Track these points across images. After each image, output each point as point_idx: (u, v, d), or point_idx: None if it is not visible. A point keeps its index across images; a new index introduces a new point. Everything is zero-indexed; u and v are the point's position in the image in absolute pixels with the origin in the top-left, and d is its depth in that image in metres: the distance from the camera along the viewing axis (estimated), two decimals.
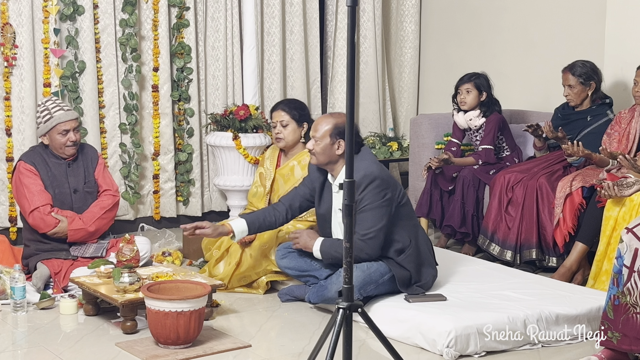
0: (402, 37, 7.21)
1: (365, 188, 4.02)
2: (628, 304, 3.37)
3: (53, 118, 4.63)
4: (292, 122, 4.86)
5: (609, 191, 4.44)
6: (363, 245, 4.03)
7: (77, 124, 4.70)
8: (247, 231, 4.32)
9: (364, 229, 4.03)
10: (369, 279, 4.05)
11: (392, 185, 4.12)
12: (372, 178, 4.03)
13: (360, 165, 3.97)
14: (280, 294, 4.52)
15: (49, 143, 4.69)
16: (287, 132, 4.86)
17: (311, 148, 4.15)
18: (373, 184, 4.03)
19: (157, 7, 6.02)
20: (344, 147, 4.06)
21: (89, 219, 4.67)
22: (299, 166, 4.86)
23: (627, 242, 3.40)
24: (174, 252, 5.25)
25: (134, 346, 3.75)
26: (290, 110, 4.87)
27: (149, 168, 6.18)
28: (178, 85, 6.20)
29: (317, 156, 4.15)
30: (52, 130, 4.64)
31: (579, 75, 5.22)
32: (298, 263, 4.36)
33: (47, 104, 4.71)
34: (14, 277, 4.22)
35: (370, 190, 4.03)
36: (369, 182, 4.03)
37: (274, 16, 6.48)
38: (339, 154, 4.12)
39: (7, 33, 5.52)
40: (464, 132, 5.73)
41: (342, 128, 4.05)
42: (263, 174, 5.03)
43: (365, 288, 4.03)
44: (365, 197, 4.03)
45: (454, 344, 3.64)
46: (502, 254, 5.10)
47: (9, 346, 3.84)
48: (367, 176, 4.02)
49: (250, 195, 5.10)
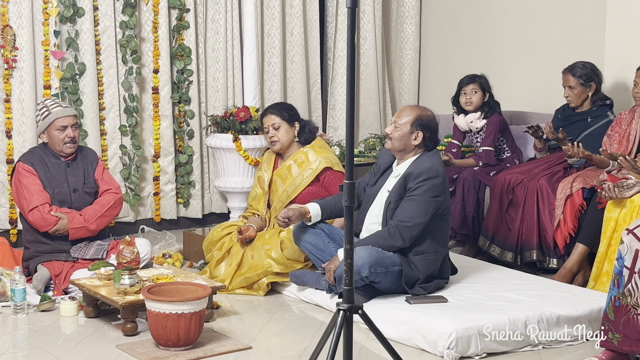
0: (402, 38, 7.21)
1: (425, 180, 4.11)
2: (629, 305, 3.37)
3: (51, 114, 4.64)
4: (283, 123, 4.92)
5: (610, 192, 4.43)
6: (399, 231, 4.09)
7: (75, 121, 4.71)
8: (320, 215, 4.41)
9: (405, 217, 4.10)
10: (382, 260, 4.06)
11: (446, 194, 4.22)
12: (436, 174, 4.14)
13: (428, 160, 4.18)
14: (291, 274, 4.52)
15: (48, 141, 4.70)
16: (281, 133, 4.91)
17: (389, 133, 4.24)
18: (434, 180, 4.12)
19: (157, 9, 6.02)
20: (421, 138, 4.20)
21: (91, 216, 4.67)
22: (295, 164, 4.88)
23: (627, 243, 3.40)
24: (174, 254, 5.25)
25: (134, 348, 3.75)
26: (280, 112, 4.94)
27: (149, 170, 6.18)
28: (178, 87, 6.20)
29: (393, 141, 4.25)
30: (50, 126, 4.65)
31: (579, 77, 5.22)
32: (316, 239, 4.40)
33: (46, 102, 4.75)
34: (14, 279, 4.22)
35: (429, 184, 4.11)
36: (430, 176, 4.12)
37: (274, 18, 6.48)
38: (415, 144, 4.22)
39: (7, 35, 5.52)
40: (465, 133, 5.73)
41: (426, 121, 4.22)
42: (261, 177, 5.06)
43: (375, 267, 4.03)
44: (420, 188, 4.11)
45: (455, 345, 3.64)
46: (503, 255, 5.10)
47: (9, 348, 3.84)
48: (432, 170, 4.13)
49: (250, 199, 5.14)
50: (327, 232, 4.44)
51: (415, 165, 4.19)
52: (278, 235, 4.67)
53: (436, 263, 4.21)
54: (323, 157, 4.84)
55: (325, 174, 4.84)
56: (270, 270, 4.59)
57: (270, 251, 4.60)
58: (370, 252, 4.03)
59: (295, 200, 4.90)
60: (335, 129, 6.89)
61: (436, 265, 4.22)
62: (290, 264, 4.60)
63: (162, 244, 5.51)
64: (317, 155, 4.85)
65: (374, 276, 4.05)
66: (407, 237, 4.11)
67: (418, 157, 4.23)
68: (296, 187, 4.87)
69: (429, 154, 4.23)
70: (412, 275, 4.14)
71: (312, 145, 4.93)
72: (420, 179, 4.11)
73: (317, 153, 4.87)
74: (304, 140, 4.97)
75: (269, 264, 4.58)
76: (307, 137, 4.98)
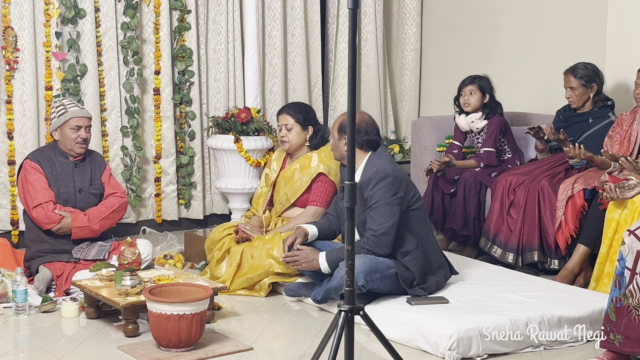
0: (403, 39, 7.21)
1: (377, 184, 4.12)
2: (630, 306, 3.37)
3: (68, 112, 4.66)
4: (296, 125, 4.91)
5: (611, 193, 4.43)
6: (376, 241, 4.10)
7: (89, 124, 4.74)
8: (317, 236, 4.45)
9: (376, 225, 4.11)
10: (376, 267, 4.07)
11: (406, 186, 4.19)
12: (384, 175, 4.12)
13: (374, 163, 4.17)
14: (286, 288, 4.53)
15: (60, 139, 4.71)
16: (292, 135, 4.92)
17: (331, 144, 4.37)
18: (384, 180, 4.12)
19: (159, 10, 6.02)
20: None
21: (95, 217, 4.68)
22: (299, 169, 4.88)
23: (628, 244, 3.40)
24: (175, 255, 5.25)
25: (135, 349, 3.75)
26: (295, 114, 4.94)
27: (151, 171, 6.18)
28: (179, 88, 6.20)
29: (333, 152, 4.39)
30: (65, 124, 4.66)
31: (580, 78, 5.22)
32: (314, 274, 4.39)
33: (63, 101, 4.77)
34: (15, 280, 4.23)
35: (382, 187, 4.12)
36: (380, 179, 4.12)
37: (275, 19, 6.48)
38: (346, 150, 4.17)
39: (8, 36, 5.52)
40: (466, 134, 5.73)
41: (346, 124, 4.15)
42: (269, 174, 5.08)
43: (371, 275, 4.04)
44: (377, 194, 4.12)
45: (456, 346, 3.64)
46: (504, 256, 5.10)
47: (10, 349, 3.84)
48: (379, 172, 4.12)
49: (254, 197, 5.16)
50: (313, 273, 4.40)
51: (364, 172, 4.20)
52: (279, 235, 4.67)
53: (425, 258, 4.20)
54: (324, 164, 4.84)
55: (318, 178, 4.84)
56: (272, 271, 4.58)
57: (272, 250, 4.59)
58: (364, 261, 4.03)
59: (295, 204, 4.91)
60: None
61: (426, 259, 4.21)
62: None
63: (164, 245, 5.51)
64: (318, 162, 4.85)
65: (371, 283, 4.06)
66: (387, 243, 4.11)
67: (367, 162, 4.23)
68: (295, 191, 4.87)
69: (375, 155, 4.23)
70: (408, 276, 4.15)
71: (319, 151, 4.91)
72: (371, 185, 4.12)
73: (319, 160, 4.86)
74: (313, 145, 4.96)
75: (270, 263, 4.58)
76: (317, 143, 4.96)
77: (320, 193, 4.80)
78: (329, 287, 4.19)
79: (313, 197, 4.82)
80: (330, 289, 4.18)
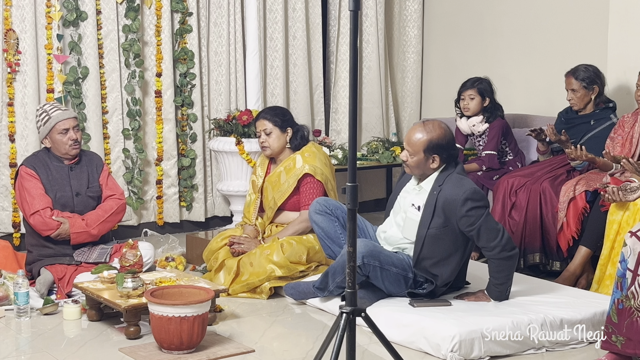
0: (404, 41, 7.21)
1: (473, 208, 3.96)
2: (632, 307, 3.37)
3: (51, 118, 4.64)
4: (275, 129, 4.89)
5: (613, 195, 4.43)
6: (505, 250, 3.98)
7: (76, 123, 4.70)
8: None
9: (493, 239, 3.97)
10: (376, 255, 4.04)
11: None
12: (473, 192, 3.98)
13: (466, 182, 4.00)
14: (286, 287, 4.51)
15: (52, 145, 4.69)
16: (272, 139, 4.90)
17: (405, 160, 4.10)
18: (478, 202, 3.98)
19: (160, 12, 6.03)
20: (438, 161, 4.05)
21: (93, 221, 4.67)
22: (284, 171, 4.87)
23: (630, 245, 3.40)
24: (177, 258, 5.25)
25: (137, 351, 3.75)
26: (272, 117, 4.91)
27: (152, 173, 6.19)
28: (181, 91, 6.21)
29: (412, 169, 4.11)
30: (52, 130, 4.64)
31: (582, 79, 5.22)
32: (329, 226, 4.37)
33: (45, 107, 4.73)
34: (17, 282, 4.23)
35: (477, 207, 3.97)
36: (476, 201, 3.98)
37: (277, 21, 6.48)
38: (434, 168, 4.07)
39: (10, 39, 5.53)
40: (467, 137, 5.73)
41: (437, 142, 4.02)
42: (255, 181, 5.06)
43: (369, 259, 4.00)
44: (474, 214, 3.96)
45: (458, 348, 3.63)
46: None
47: (12, 352, 3.84)
48: (474, 192, 3.98)
49: (245, 206, 5.12)
50: (341, 221, 4.39)
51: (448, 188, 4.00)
52: (277, 240, 4.66)
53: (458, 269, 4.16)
54: (308, 164, 4.82)
55: (304, 179, 4.83)
56: (273, 275, 4.57)
57: (271, 255, 4.58)
58: (365, 243, 4.04)
59: (285, 208, 4.89)
60: (337, 132, 6.90)
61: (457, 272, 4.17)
62: (292, 266, 4.60)
63: (165, 247, 5.51)
64: (303, 162, 4.83)
65: (368, 268, 4.03)
66: (511, 244, 4.01)
67: (441, 174, 4.07)
68: (282, 194, 4.85)
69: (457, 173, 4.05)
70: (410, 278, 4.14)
71: (301, 151, 4.89)
72: (467, 207, 3.94)
73: (304, 160, 4.83)
74: (294, 146, 4.93)
75: (271, 269, 4.57)
76: (298, 144, 4.93)
77: (311, 195, 4.78)
78: (328, 269, 4.18)
79: (304, 201, 4.79)
80: (328, 270, 4.18)
